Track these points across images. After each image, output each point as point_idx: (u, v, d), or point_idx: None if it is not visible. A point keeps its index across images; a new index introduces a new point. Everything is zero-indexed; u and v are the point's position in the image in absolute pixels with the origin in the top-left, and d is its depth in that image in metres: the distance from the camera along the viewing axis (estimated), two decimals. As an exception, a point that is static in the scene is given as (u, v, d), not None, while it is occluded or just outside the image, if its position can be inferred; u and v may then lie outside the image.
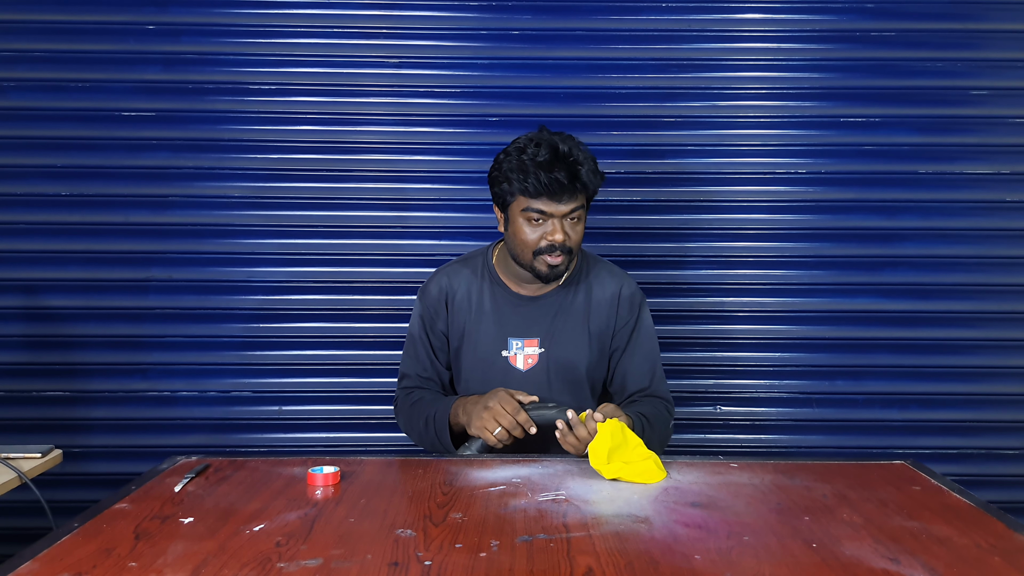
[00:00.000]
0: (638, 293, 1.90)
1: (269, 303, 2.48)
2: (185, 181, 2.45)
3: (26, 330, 2.46)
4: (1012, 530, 1.25)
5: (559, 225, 1.73)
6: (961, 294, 2.49)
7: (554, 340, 1.84)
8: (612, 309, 1.86)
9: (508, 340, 1.85)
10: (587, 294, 1.87)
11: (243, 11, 2.44)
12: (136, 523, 1.27)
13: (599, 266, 1.91)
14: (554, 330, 1.84)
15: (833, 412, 2.50)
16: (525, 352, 1.85)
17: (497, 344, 1.85)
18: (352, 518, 1.29)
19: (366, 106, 2.47)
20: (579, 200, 1.74)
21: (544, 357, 1.84)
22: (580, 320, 1.85)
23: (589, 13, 2.45)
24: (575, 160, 1.72)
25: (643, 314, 1.89)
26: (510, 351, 1.85)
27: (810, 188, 2.48)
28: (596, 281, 1.88)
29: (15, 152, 2.43)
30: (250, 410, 2.49)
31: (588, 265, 1.90)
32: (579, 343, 1.84)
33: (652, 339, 1.91)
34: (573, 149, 1.73)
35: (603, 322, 1.86)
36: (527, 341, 1.85)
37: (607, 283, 1.88)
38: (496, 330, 1.85)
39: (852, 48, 2.46)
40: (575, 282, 1.87)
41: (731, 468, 1.55)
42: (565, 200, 1.72)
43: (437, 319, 1.89)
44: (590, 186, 1.74)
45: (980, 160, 2.48)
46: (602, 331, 1.86)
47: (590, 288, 1.87)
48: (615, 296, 1.87)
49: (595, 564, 1.11)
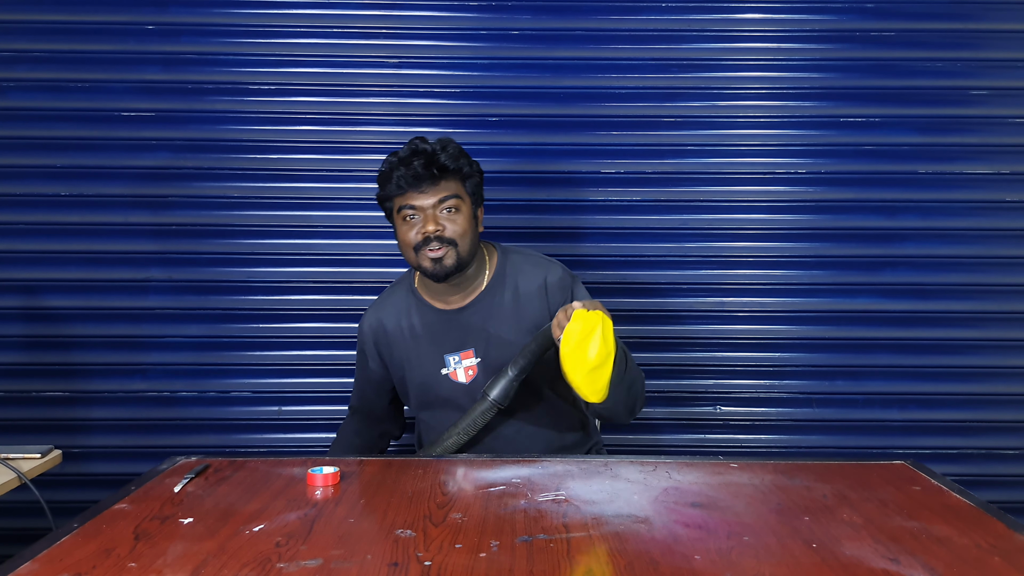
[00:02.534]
0: (566, 275, 1.89)
1: (269, 303, 2.48)
2: (185, 181, 2.45)
3: (26, 330, 2.46)
4: (1012, 530, 1.25)
5: (430, 215, 1.77)
6: (961, 294, 2.48)
7: (489, 346, 1.84)
8: (543, 300, 1.85)
9: (444, 358, 1.86)
10: (513, 291, 1.86)
11: (243, 11, 2.44)
12: (136, 523, 1.27)
13: (520, 259, 1.91)
14: (487, 337, 1.84)
15: (833, 412, 2.50)
16: (464, 365, 1.85)
17: (435, 364, 1.86)
18: (352, 518, 1.30)
19: (366, 106, 2.47)
20: (447, 189, 1.78)
21: (482, 366, 1.84)
22: (511, 320, 1.84)
23: (589, 13, 2.45)
24: (432, 150, 1.77)
25: (577, 294, 1.88)
26: (449, 368, 1.86)
27: (810, 188, 2.48)
28: (520, 276, 1.87)
29: (15, 152, 2.43)
30: (250, 410, 2.49)
31: (509, 262, 1.90)
32: (514, 343, 1.83)
33: None
34: (435, 143, 1.80)
35: (536, 315, 1.85)
36: (463, 354, 1.85)
37: (531, 275, 1.87)
38: (432, 351, 1.86)
39: (852, 48, 2.46)
40: (499, 283, 1.87)
41: (731, 468, 1.55)
42: (427, 188, 1.77)
43: (369, 359, 1.95)
44: (450, 166, 1.78)
45: (980, 160, 2.47)
46: (538, 324, 1.84)
47: (515, 285, 1.87)
48: (542, 287, 1.86)
49: (595, 564, 1.11)
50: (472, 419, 1.75)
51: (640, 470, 1.53)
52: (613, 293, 2.47)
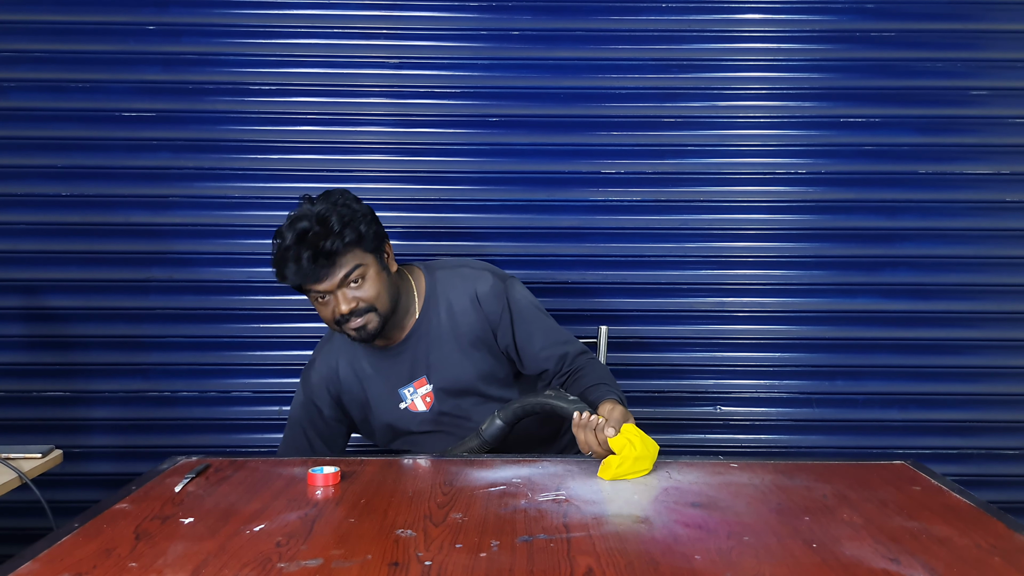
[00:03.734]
0: (497, 282, 1.83)
1: (269, 303, 2.48)
2: (185, 181, 2.45)
3: (26, 330, 2.46)
4: (1012, 530, 1.25)
5: (339, 297, 1.69)
6: (961, 294, 2.48)
7: (436, 370, 1.82)
8: (477, 312, 1.81)
9: (399, 392, 1.84)
10: (448, 309, 1.82)
11: (243, 11, 2.44)
12: (136, 523, 1.27)
13: (448, 275, 1.85)
14: (432, 361, 1.82)
15: (833, 412, 2.50)
16: (420, 393, 1.83)
17: (392, 400, 1.84)
18: (352, 518, 1.30)
19: (366, 107, 2.47)
20: (347, 264, 1.68)
21: (437, 390, 1.83)
22: (451, 339, 1.82)
23: (589, 13, 2.45)
24: (317, 234, 1.65)
25: (512, 297, 1.83)
26: (406, 401, 1.84)
27: (810, 188, 2.48)
28: (451, 292, 1.83)
29: (15, 152, 2.43)
30: (250, 410, 2.49)
31: (437, 281, 1.85)
32: (460, 362, 1.81)
33: (536, 312, 1.86)
34: (315, 222, 1.66)
35: (475, 328, 1.82)
36: (416, 383, 1.83)
37: (460, 289, 1.83)
38: (385, 388, 1.84)
39: (852, 48, 2.46)
40: (432, 305, 1.83)
41: (731, 468, 1.55)
42: (326, 276, 1.67)
43: (323, 409, 1.87)
44: (339, 248, 1.66)
45: (980, 160, 2.47)
46: (478, 337, 1.82)
47: (448, 302, 1.83)
48: (473, 299, 1.82)
49: (595, 564, 1.11)
50: (466, 448, 1.74)
51: (640, 470, 1.53)
52: (613, 293, 2.47)
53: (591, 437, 1.54)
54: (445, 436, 1.85)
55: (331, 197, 1.74)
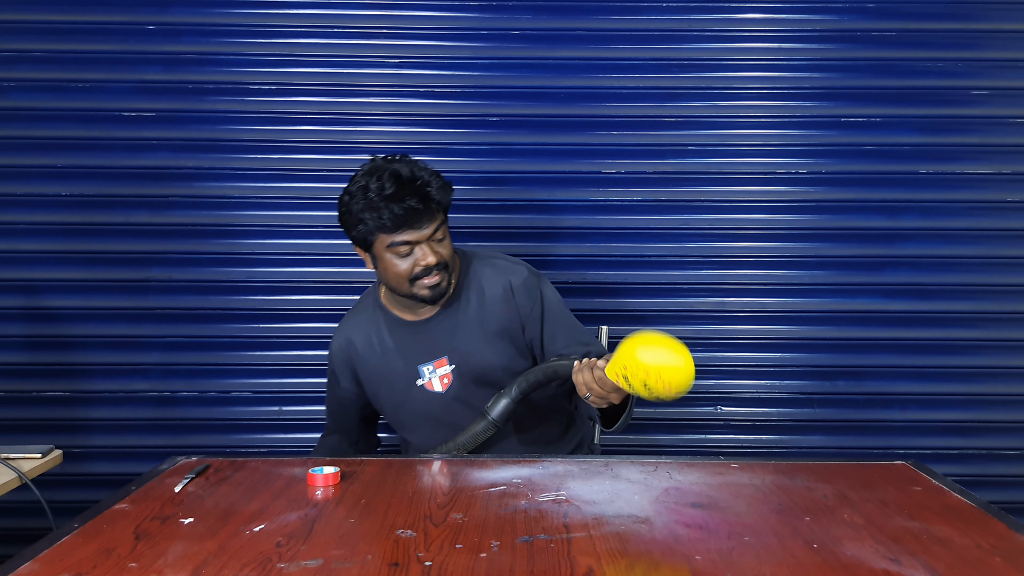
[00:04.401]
0: (531, 277, 1.88)
1: (269, 303, 2.48)
2: (185, 181, 2.45)
3: (26, 330, 2.46)
4: (1013, 530, 1.25)
5: (427, 249, 1.73)
6: (962, 294, 2.48)
7: (459, 353, 1.84)
8: (510, 303, 1.85)
9: (418, 368, 1.85)
10: (479, 296, 1.85)
11: (243, 11, 2.44)
12: (136, 523, 1.27)
13: (483, 264, 1.89)
14: (456, 343, 1.84)
15: (834, 412, 2.50)
16: (439, 374, 1.85)
17: (410, 377, 1.85)
18: (352, 518, 1.29)
19: (366, 106, 2.47)
20: (438, 218, 1.75)
21: (456, 373, 1.84)
22: (478, 325, 1.84)
23: (589, 13, 2.45)
24: (422, 182, 1.72)
25: (545, 295, 1.88)
26: (423, 378, 1.85)
27: (810, 188, 2.48)
28: (485, 280, 1.86)
29: (15, 152, 2.43)
30: (250, 410, 2.49)
31: (473, 267, 1.88)
32: (483, 348, 1.83)
33: (565, 313, 1.91)
34: (415, 171, 1.74)
35: (503, 319, 1.84)
36: (436, 363, 1.85)
37: (495, 280, 1.86)
38: (404, 364, 1.86)
39: (852, 48, 2.46)
40: (465, 289, 1.86)
41: (732, 468, 1.55)
42: (425, 224, 1.72)
43: (341, 378, 1.92)
44: (444, 202, 1.75)
45: (981, 160, 2.47)
46: (505, 328, 1.84)
47: (480, 290, 1.85)
48: (507, 290, 1.85)
49: (595, 565, 1.11)
50: (472, 435, 1.75)
51: (641, 470, 1.53)
52: (614, 293, 2.47)
53: (587, 375, 1.57)
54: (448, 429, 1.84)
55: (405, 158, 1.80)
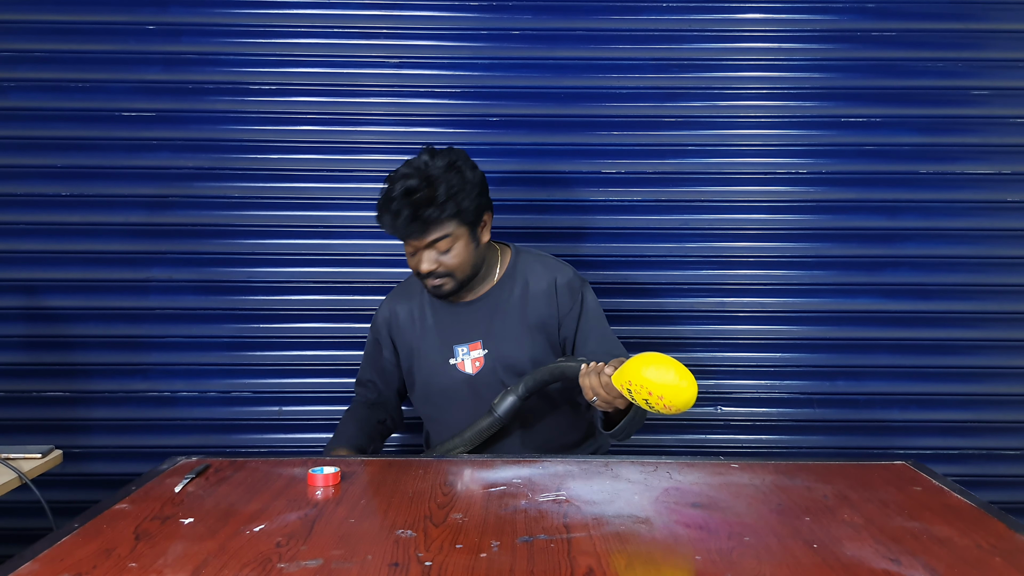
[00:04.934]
0: (576, 279, 1.92)
1: (269, 303, 2.47)
2: (185, 181, 2.45)
3: (26, 330, 2.46)
4: (1013, 530, 1.25)
5: (422, 257, 1.79)
6: (962, 294, 2.48)
7: (494, 339, 1.88)
8: (551, 299, 1.88)
9: (453, 348, 1.90)
10: (523, 289, 1.90)
11: (243, 11, 2.44)
12: (136, 524, 1.27)
13: (532, 259, 1.94)
14: (493, 330, 1.88)
15: (834, 412, 2.50)
16: (472, 356, 1.89)
17: (444, 354, 1.90)
18: (352, 518, 1.29)
19: (366, 106, 2.47)
20: (437, 231, 1.75)
21: (488, 357, 1.88)
22: (517, 316, 1.88)
23: (589, 13, 2.45)
24: (420, 199, 1.72)
25: (586, 298, 1.91)
26: (457, 358, 1.89)
27: (811, 188, 2.48)
28: (531, 275, 1.91)
29: (15, 152, 2.43)
30: (250, 410, 2.49)
31: (521, 261, 1.94)
32: (519, 338, 1.87)
33: (601, 320, 1.94)
34: (422, 183, 1.73)
35: (543, 313, 1.88)
36: (471, 345, 1.89)
37: (541, 275, 1.90)
38: (440, 341, 1.90)
39: (852, 48, 2.46)
40: (510, 280, 1.91)
41: (732, 468, 1.55)
42: (414, 237, 1.76)
43: (383, 347, 2.00)
44: (438, 216, 1.74)
45: (981, 160, 2.47)
46: (543, 322, 1.88)
47: (526, 283, 1.90)
48: (551, 286, 1.89)
49: (595, 565, 1.11)
50: (478, 431, 1.77)
51: (641, 470, 1.53)
52: (614, 293, 2.46)
53: (594, 380, 1.58)
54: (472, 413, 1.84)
55: (450, 157, 1.80)
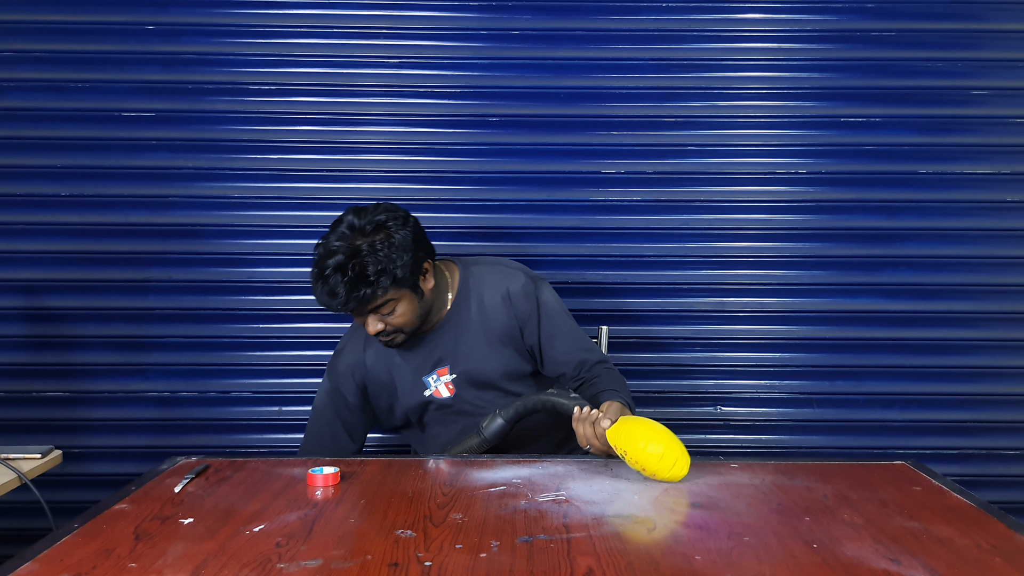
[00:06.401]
0: (528, 283, 1.88)
1: (269, 304, 2.47)
2: (185, 181, 2.45)
3: (26, 330, 2.46)
4: (1013, 531, 1.25)
5: (368, 321, 1.75)
6: (962, 294, 2.48)
7: (460, 360, 1.86)
8: (508, 309, 1.86)
9: (423, 380, 1.87)
10: (479, 305, 1.86)
11: (243, 11, 2.44)
12: (136, 524, 1.27)
13: (481, 272, 1.90)
14: (458, 351, 1.86)
15: (834, 412, 2.50)
16: (443, 381, 1.87)
17: (417, 388, 1.88)
18: (352, 519, 1.29)
19: (366, 106, 2.47)
20: (377, 301, 1.71)
21: (458, 380, 1.86)
22: (480, 333, 1.86)
23: (589, 13, 2.45)
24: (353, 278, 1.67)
25: (542, 299, 1.88)
26: (430, 388, 1.88)
27: (810, 188, 2.48)
28: (484, 287, 1.87)
29: (15, 152, 2.43)
30: (250, 411, 2.49)
31: (471, 276, 1.89)
32: (483, 354, 1.85)
33: (564, 317, 1.90)
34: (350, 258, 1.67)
35: (504, 324, 1.86)
36: (439, 371, 1.87)
37: (494, 287, 1.87)
38: (411, 376, 1.88)
39: (852, 48, 2.46)
40: (464, 299, 1.87)
41: (732, 468, 1.55)
42: (355, 312, 1.74)
43: (347, 395, 1.90)
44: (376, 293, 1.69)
45: (980, 160, 2.47)
46: (506, 333, 1.86)
47: (480, 298, 1.87)
48: (505, 297, 1.86)
49: (595, 565, 1.11)
50: (465, 448, 1.76)
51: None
52: (614, 293, 2.47)
53: (589, 430, 1.57)
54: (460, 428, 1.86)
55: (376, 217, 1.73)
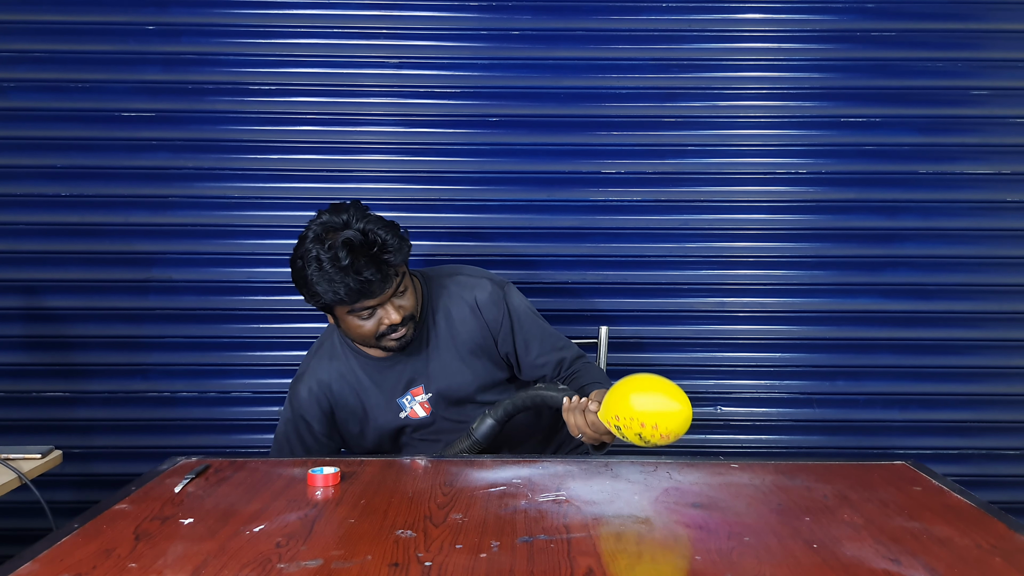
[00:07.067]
0: (495, 290, 1.83)
1: (269, 303, 2.48)
2: (185, 182, 2.45)
3: (26, 330, 2.46)
4: (1013, 531, 1.25)
5: (390, 308, 1.68)
6: (962, 294, 2.48)
7: (434, 378, 1.81)
8: (477, 320, 1.81)
9: (398, 402, 1.82)
10: (446, 318, 1.81)
11: (243, 11, 2.44)
12: (136, 524, 1.27)
13: (443, 282, 1.85)
14: (430, 370, 1.81)
15: (834, 412, 2.50)
16: (418, 401, 1.82)
17: (391, 411, 1.83)
18: (352, 519, 1.29)
19: (366, 106, 2.47)
20: (397, 276, 1.68)
21: (434, 399, 1.82)
22: (451, 348, 1.81)
23: (589, 13, 2.45)
24: (378, 247, 1.63)
25: (511, 304, 1.83)
26: (405, 410, 1.83)
27: (810, 188, 2.48)
28: (450, 301, 1.82)
29: (15, 152, 2.43)
30: (250, 411, 2.49)
31: (434, 289, 1.84)
32: (457, 368, 1.81)
33: (535, 320, 1.87)
34: (370, 233, 1.64)
35: (475, 336, 1.81)
36: (413, 391, 1.82)
37: (458, 298, 1.82)
38: (383, 399, 1.82)
39: (852, 48, 2.46)
40: (429, 313, 1.82)
41: (732, 468, 1.55)
42: (382, 290, 1.65)
43: (312, 423, 1.83)
44: (402, 262, 1.67)
45: (980, 160, 2.47)
46: (478, 345, 1.82)
47: (447, 311, 1.82)
48: (473, 307, 1.81)
49: (595, 565, 1.11)
50: (457, 450, 1.75)
51: (641, 470, 1.53)
52: (613, 293, 2.47)
53: (580, 419, 1.57)
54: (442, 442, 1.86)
55: (351, 204, 1.70)
